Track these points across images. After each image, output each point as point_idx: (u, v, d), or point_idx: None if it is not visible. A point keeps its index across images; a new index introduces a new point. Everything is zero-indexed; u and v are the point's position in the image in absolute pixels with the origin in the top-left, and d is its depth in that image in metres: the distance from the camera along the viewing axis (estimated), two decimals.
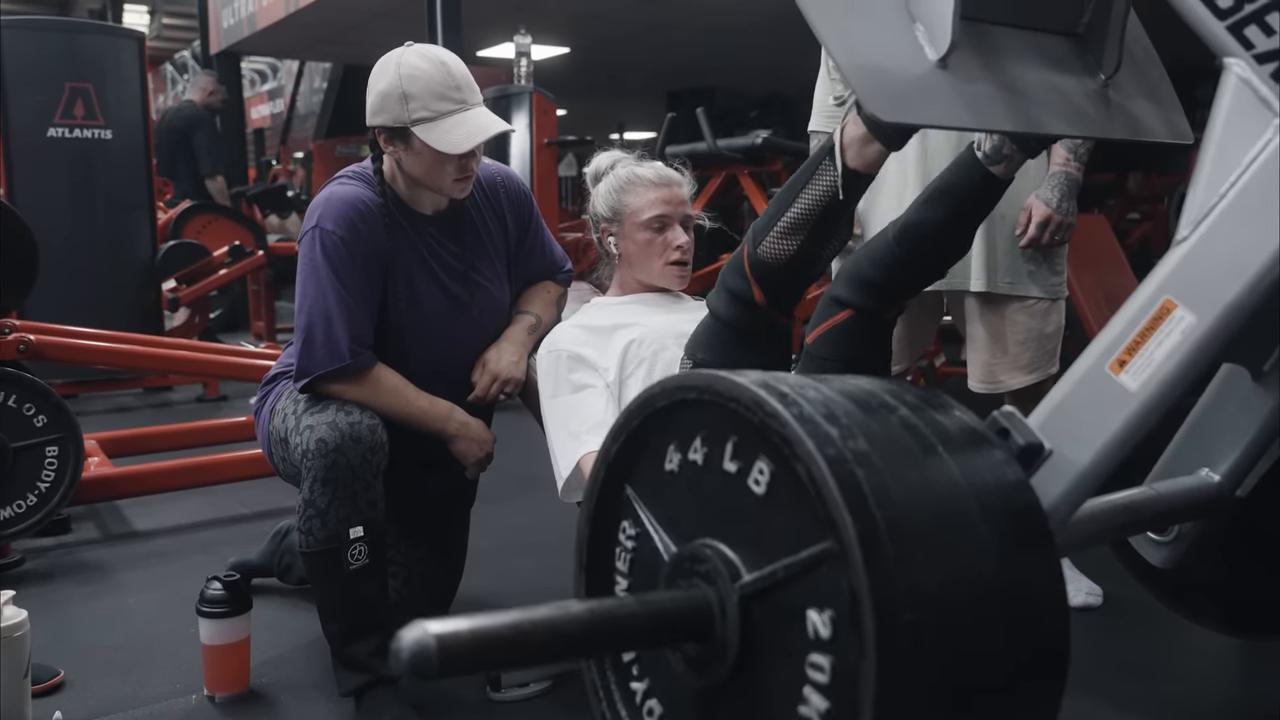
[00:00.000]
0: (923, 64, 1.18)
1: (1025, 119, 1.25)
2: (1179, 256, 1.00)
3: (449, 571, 2.21)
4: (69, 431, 2.62)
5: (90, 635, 2.19)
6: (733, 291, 1.61)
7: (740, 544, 0.89)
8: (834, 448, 0.81)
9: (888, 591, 0.76)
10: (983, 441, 0.91)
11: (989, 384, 2.22)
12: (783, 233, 1.52)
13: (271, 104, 14.62)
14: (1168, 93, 1.47)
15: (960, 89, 1.20)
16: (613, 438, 1.04)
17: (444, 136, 1.72)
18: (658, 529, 0.99)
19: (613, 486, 1.05)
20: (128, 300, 5.18)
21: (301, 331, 1.78)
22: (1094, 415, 1.01)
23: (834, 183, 1.47)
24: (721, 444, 0.92)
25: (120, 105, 5.14)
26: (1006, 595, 0.83)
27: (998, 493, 0.87)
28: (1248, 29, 0.98)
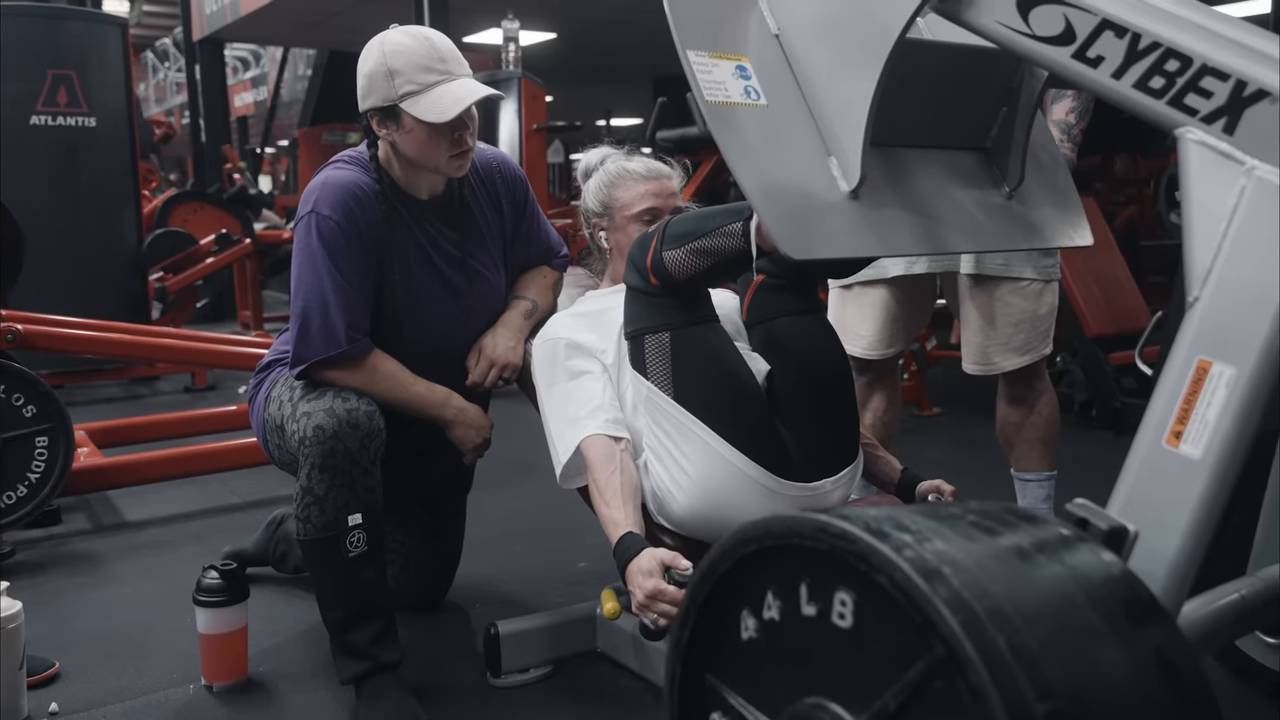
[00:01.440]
0: (835, 195, 1.25)
1: (931, 241, 1.32)
2: (1198, 317, 0.99)
3: (446, 558, 2.21)
4: (59, 422, 2.60)
5: (85, 626, 2.18)
6: (636, 267, 1.66)
7: (842, 691, 0.83)
8: (912, 550, 0.77)
9: (1013, 684, 0.70)
10: (1064, 534, 0.87)
11: (982, 365, 2.23)
12: (690, 253, 1.58)
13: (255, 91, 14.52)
14: (1071, 197, 1.56)
15: (870, 218, 1.26)
16: (681, 623, 0.97)
17: (431, 107, 1.71)
18: (750, 709, 0.92)
19: (692, 679, 0.98)
20: (114, 290, 5.15)
21: (298, 317, 1.76)
22: (1168, 493, 0.98)
23: (744, 249, 1.52)
24: (795, 589, 0.87)
25: (104, 92, 5.10)
26: (1143, 677, 0.77)
27: (1102, 578, 0.82)
28: (1187, 98, 1.03)
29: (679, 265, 1.59)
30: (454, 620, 2.20)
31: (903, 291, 2.26)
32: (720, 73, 1.28)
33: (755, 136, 1.27)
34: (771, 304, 1.75)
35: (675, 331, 1.64)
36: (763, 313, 1.76)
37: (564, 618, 1.93)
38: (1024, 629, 0.73)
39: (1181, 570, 0.97)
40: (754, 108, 1.29)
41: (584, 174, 1.99)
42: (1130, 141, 7.36)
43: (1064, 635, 0.76)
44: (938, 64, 1.38)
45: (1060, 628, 0.76)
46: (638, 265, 1.66)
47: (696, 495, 1.62)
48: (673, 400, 1.63)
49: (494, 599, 2.27)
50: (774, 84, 1.32)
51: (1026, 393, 2.22)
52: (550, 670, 1.88)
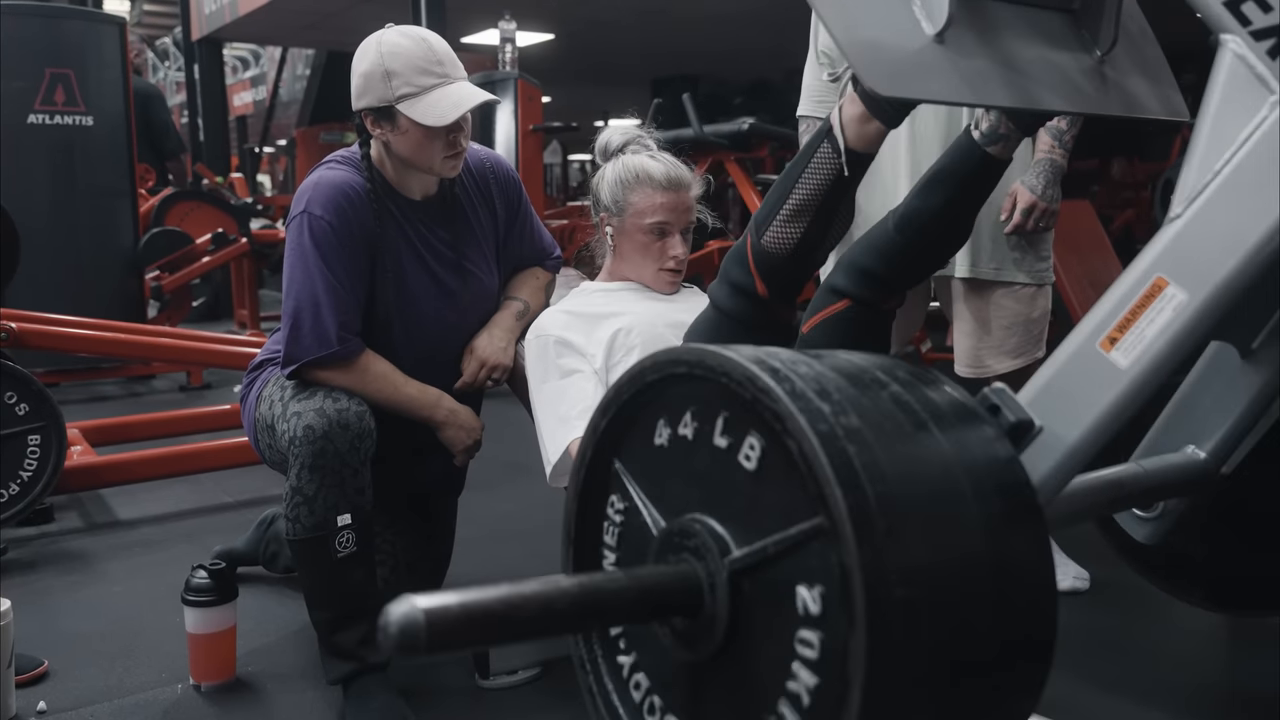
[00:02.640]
0: (920, 39, 1.18)
1: (1022, 95, 1.25)
2: (1171, 234, 0.99)
3: (436, 559, 2.21)
4: (51, 420, 2.60)
5: (74, 625, 2.18)
6: (735, 284, 1.59)
7: (730, 520, 0.89)
8: (825, 424, 0.80)
9: (878, 567, 0.76)
10: (974, 418, 0.91)
11: (975, 369, 2.23)
12: (786, 219, 1.50)
13: (254, 91, 14.52)
14: (1163, 70, 1.46)
15: (957, 64, 1.20)
16: (601, 412, 1.03)
17: (429, 110, 1.71)
18: (646, 504, 0.98)
19: (601, 461, 1.04)
20: (110, 288, 5.14)
21: (289, 317, 1.76)
22: (1084, 392, 1.01)
23: (835, 163, 1.45)
24: (712, 419, 0.91)
25: (101, 91, 5.09)
26: (996, 571, 0.83)
27: (988, 469, 0.87)
28: (1245, 5, 0.98)
29: (779, 240, 1.51)
30: None
31: None
32: None
33: None
34: (842, 337, 1.59)
35: None
36: (828, 340, 1.59)
37: None
38: (904, 517, 0.79)
39: (1071, 463, 1.02)
40: None
41: (602, 152, 1.94)
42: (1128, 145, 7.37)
43: (938, 525, 0.81)
44: None
45: (938, 519, 0.81)
46: (737, 281, 1.57)
47: None
48: None
49: None
50: None
51: None
52: (539, 671, 1.88)
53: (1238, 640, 2.02)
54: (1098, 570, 2.23)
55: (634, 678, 1.02)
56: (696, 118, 4.72)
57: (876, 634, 0.75)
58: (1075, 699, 1.76)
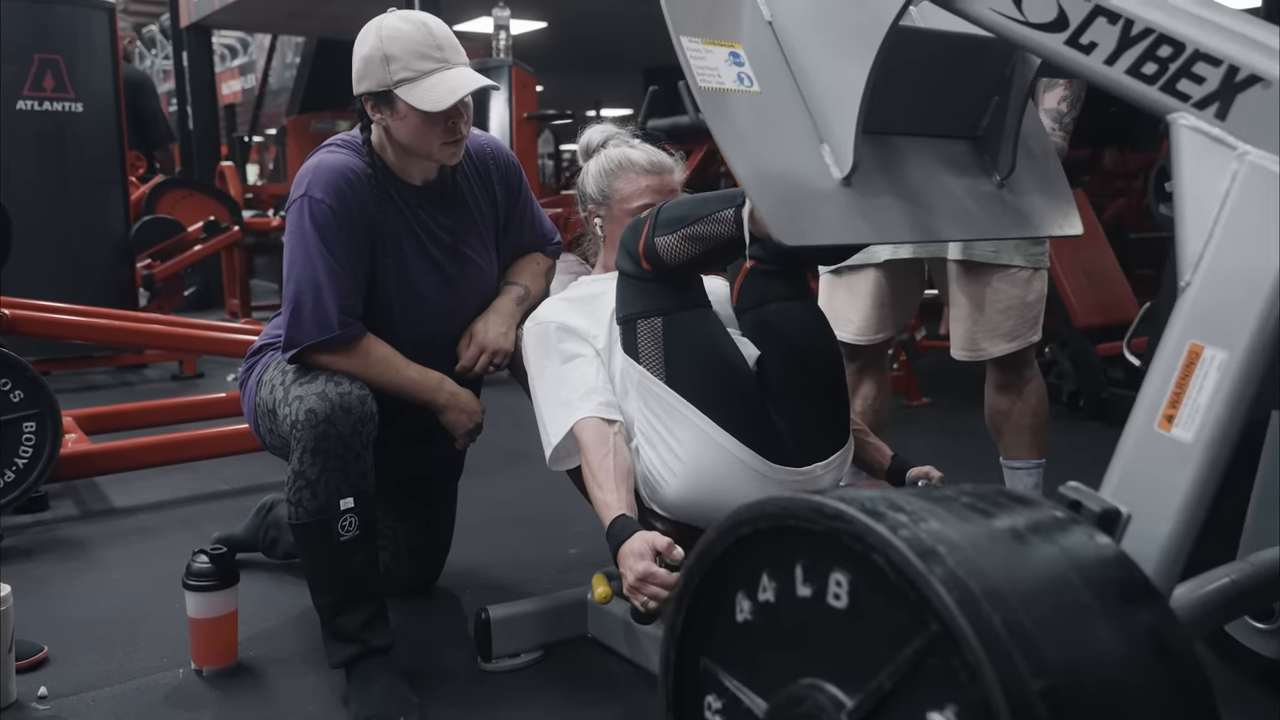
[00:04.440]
0: (827, 182, 1.26)
1: (922, 229, 1.33)
2: (1190, 301, 1.00)
3: (436, 544, 2.21)
4: (46, 407, 2.59)
5: (73, 611, 2.18)
6: (628, 252, 1.66)
7: (837, 672, 0.83)
8: (908, 530, 0.77)
9: (1008, 661, 0.70)
10: (1058, 516, 0.88)
11: (971, 352, 2.24)
12: (682, 239, 1.58)
13: (243, 79, 14.42)
14: (1061, 186, 1.57)
15: (861, 205, 1.27)
16: (675, 607, 0.97)
17: (426, 95, 1.71)
18: (744, 690, 0.92)
19: (688, 663, 0.98)
20: (101, 276, 5.11)
21: (290, 301, 1.76)
22: (1160, 475, 0.98)
23: (736, 235, 1.52)
24: (790, 571, 0.87)
25: (91, 77, 5.05)
26: (1136, 654, 0.78)
27: (1095, 560, 0.83)
28: (1179, 84, 1.04)
29: (671, 251, 1.59)
30: (445, 605, 2.20)
31: (892, 278, 2.26)
32: (713, 59, 1.29)
33: (748, 123, 1.27)
34: (762, 290, 1.75)
35: (668, 316, 1.64)
36: (753, 299, 1.75)
37: (555, 603, 1.94)
38: (1019, 607, 0.74)
39: (1173, 552, 0.98)
40: (747, 94, 1.29)
41: (584, 151, 1.97)
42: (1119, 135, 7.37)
43: (1058, 614, 0.76)
44: (930, 52, 1.39)
45: (1054, 607, 0.76)
46: (630, 250, 1.65)
47: (688, 479, 1.62)
48: (665, 385, 1.63)
49: (485, 585, 2.27)
50: (767, 71, 1.33)
51: (1015, 380, 2.24)
52: (541, 655, 1.89)
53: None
54: None
55: None
56: (693, 106, 4.71)
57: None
58: None
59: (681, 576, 0.97)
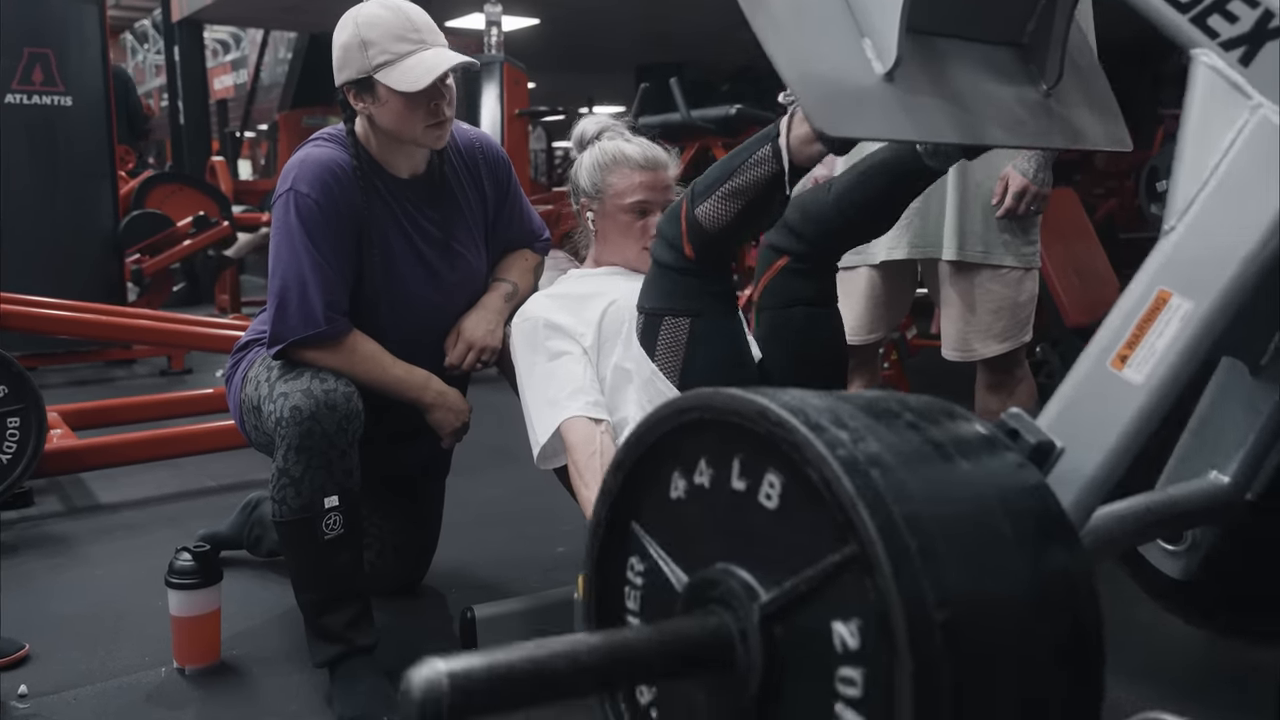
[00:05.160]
0: (869, 77, 1.21)
1: (967, 130, 1.28)
2: (1169, 247, 1.00)
3: (423, 543, 2.20)
4: (31, 402, 2.57)
5: (56, 608, 2.16)
6: (668, 240, 1.63)
7: (756, 565, 0.86)
8: (845, 449, 0.78)
9: (916, 589, 0.73)
10: (994, 443, 0.89)
11: (962, 352, 2.23)
12: (721, 198, 1.54)
13: (235, 74, 14.38)
14: (1108, 101, 1.50)
15: (905, 101, 1.22)
16: (613, 472, 1.00)
17: (405, 75, 1.69)
18: (667, 560, 0.95)
19: (617, 524, 1.01)
20: (89, 271, 5.09)
21: (275, 296, 1.74)
22: (1101, 412, 1.00)
23: (775, 170, 1.49)
24: (727, 463, 0.89)
25: (81, 71, 5.03)
26: (1039, 589, 0.80)
27: (1017, 490, 0.85)
28: (1210, 18, 1.00)
29: (712, 216, 1.55)
30: (431, 604, 2.19)
31: (885, 278, 2.26)
32: None
33: (786, 15, 1.22)
34: (789, 290, 1.70)
35: (695, 320, 1.61)
36: (778, 299, 1.70)
37: (541, 602, 1.92)
38: (936, 536, 0.76)
39: (1098, 486, 1.00)
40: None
41: (578, 142, 1.94)
42: None
43: (972, 545, 0.79)
44: None
45: (970, 537, 0.79)
46: (669, 236, 1.61)
47: None
48: (675, 388, 1.61)
49: (471, 583, 2.26)
50: None
51: (1006, 380, 2.23)
52: None
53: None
54: None
55: None
56: (684, 102, 4.70)
57: (922, 660, 0.72)
58: None
59: (622, 446, 0.99)
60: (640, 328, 1.66)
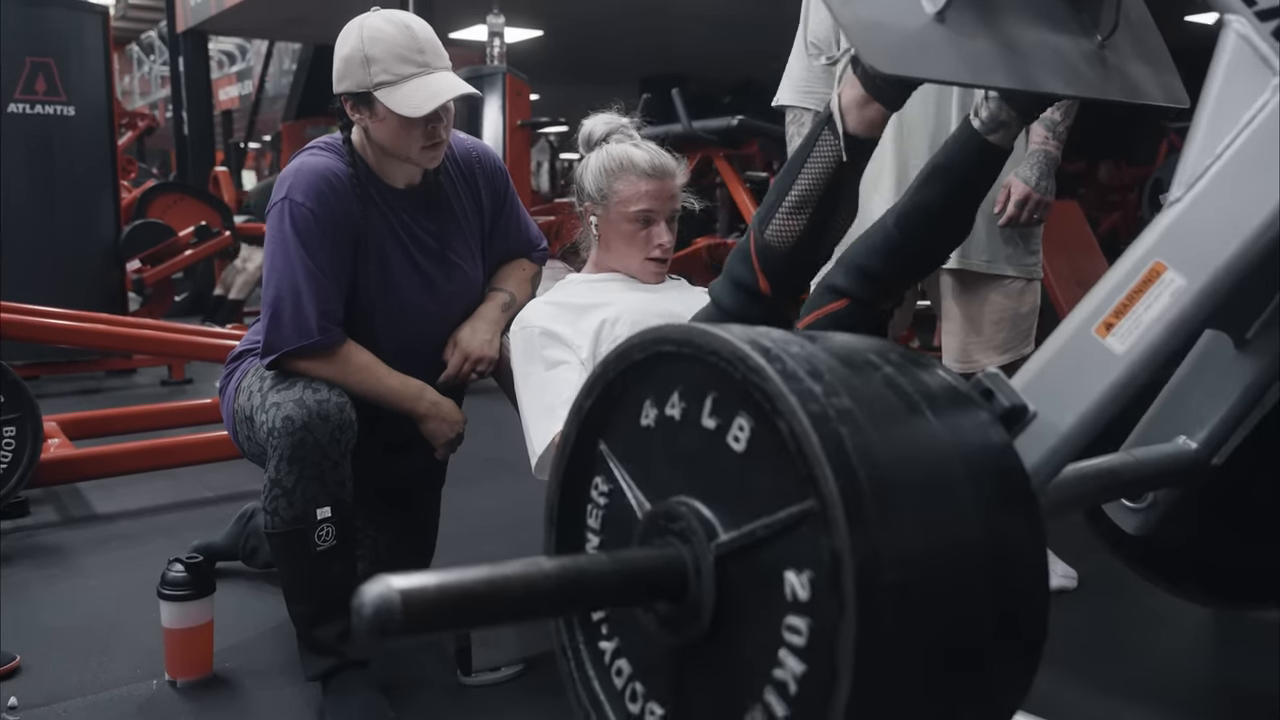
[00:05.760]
0: (920, 17, 1.16)
1: (1022, 77, 1.22)
2: (1171, 218, 0.98)
3: (418, 555, 2.17)
4: (26, 411, 2.56)
5: (49, 619, 2.14)
6: (737, 281, 1.55)
7: (718, 503, 0.86)
8: (817, 404, 0.78)
9: (869, 551, 0.74)
10: (967, 402, 0.89)
11: (964, 363, 2.21)
12: (789, 212, 1.47)
13: (240, 85, 14.43)
14: (1164, 58, 1.43)
15: (958, 44, 1.18)
16: (586, 392, 1.00)
17: (405, 100, 1.68)
18: (631, 486, 0.96)
19: (586, 442, 1.01)
20: (90, 281, 5.09)
21: (269, 306, 1.73)
22: (1078, 378, 0.99)
23: (836, 151, 1.41)
24: (700, 400, 0.89)
25: (83, 81, 5.04)
26: (990, 557, 0.81)
27: (982, 454, 0.85)
28: None
29: (782, 232, 1.48)
30: None
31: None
32: None
33: None
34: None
35: None
36: None
37: None
38: (895, 502, 0.77)
39: (1064, 451, 1.00)
40: None
41: (585, 142, 1.91)
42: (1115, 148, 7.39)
43: (929, 510, 0.79)
44: None
45: (930, 502, 0.79)
46: (740, 279, 1.54)
47: None
48: None
49: None
50: None
51: None
52: (522, 668, 1.85)
53: (1228, 638, 2.01)
54: (1086, 569, 2.21)
55: (616, 664, 1.00)
56: (686, 113, 4.69)
57: (866, 620, 0.73)
58: (1065, 697, 1.75)
59: (597, 367, 0.99)
60: None
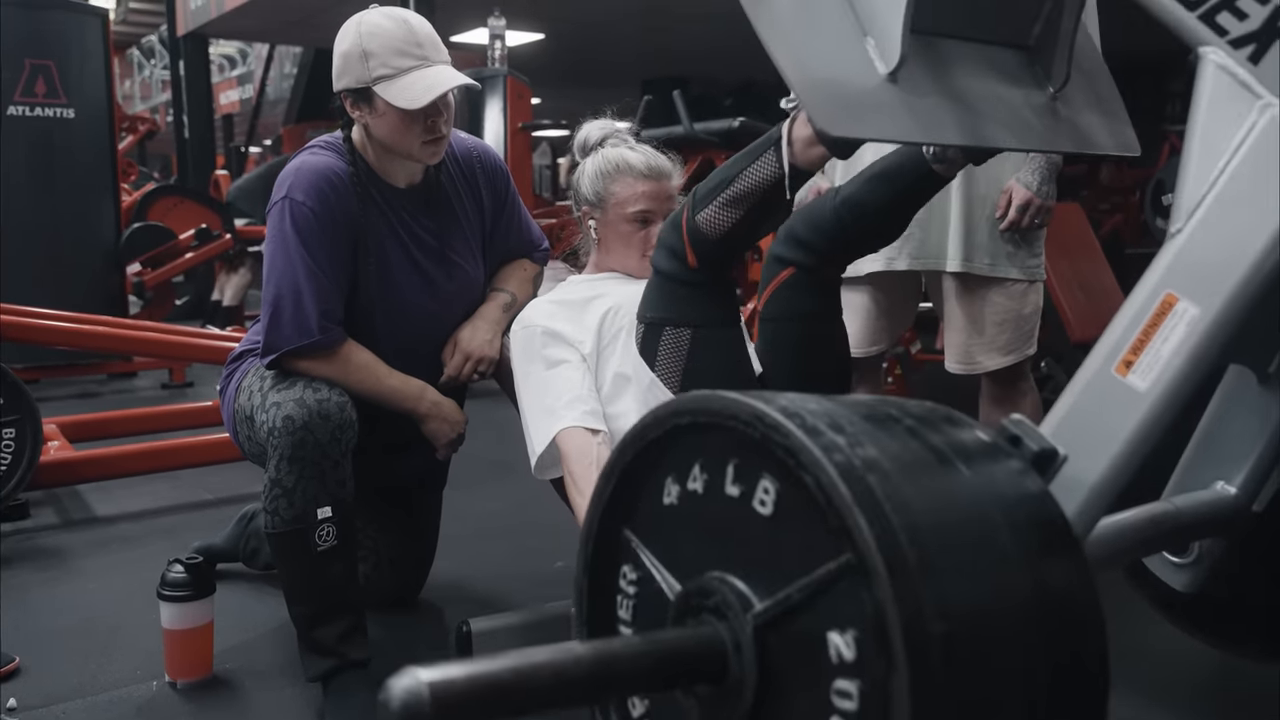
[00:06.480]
0: (872, 77, 1.19)
1: (972, 133, 1.26)
2: (1175, 249, 0.97)
3: (419, 556, 2.17)
4: (26, 413, 2.55)
5: (48, 621, 2.13)
6: (670, 248, 1.61)
7: (750, 572, 0.84)
8: (842, 455, 0.76)
9: (914, 600, 0.71)
10: (996, 450, 0.87)
11: (966, 365, 2.21)
12: (722, 205, 1.52)
13: (241, 89, 14.45)
14: (1116, 105, 1.48)
15: (909, 102, 1.21)
16: (605, 478, 0.98)
17: (403, 92, 1.68)
18: (660, 569, 0.93)
19: (610, 531, 0.99)
20: (90, 283, 5.08)
21: (269, 305, 1.72)
22: (1105, 420, 0.98)
23: (777, 173, 1.47)
24: (722, 468, 0.87)
25: (83, 84, 5.04)
26: (1040, 605, 0.78)
27: (1020, 501, 0.82)
28: (1219, 16, 0.98)
29: (714, 222, 1.53)
30: (427, 618, 2.16)
31: (887, 290, 2.23)
32: None
33: (788, 13, 1.21)
34: (794, 303, 1.67)
35: (697, 331, 1.59)
36: (782, 310, 1.67)
37: (538, 616, 1.89)
38: (935, 548, 0.74)
39: (1101, 495, 0.98)
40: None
41: (581, 148, 1.92)
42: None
43: (972, 556, 0.76)
44: None
45: (970, 548, 0.77)
46: (671, 245, 1.59)
47: None
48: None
49: (468, 597, 2.23)
50: None
51: (1010, 393, 2.20)
52: None
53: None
54: None
55: None
56: (687, 115, 4.69)
57: (919, 674, 0.70)
58: None
59: (615, 451, 0.97)
60: (640, 338, 1.64)
